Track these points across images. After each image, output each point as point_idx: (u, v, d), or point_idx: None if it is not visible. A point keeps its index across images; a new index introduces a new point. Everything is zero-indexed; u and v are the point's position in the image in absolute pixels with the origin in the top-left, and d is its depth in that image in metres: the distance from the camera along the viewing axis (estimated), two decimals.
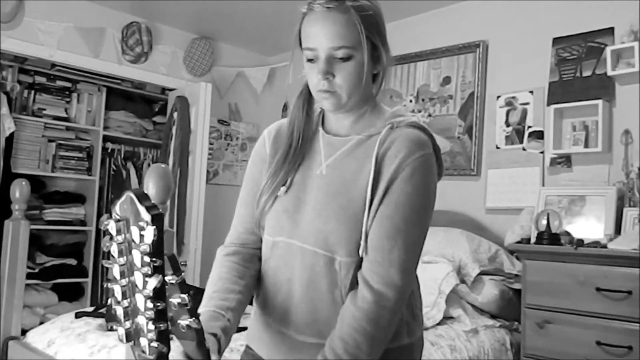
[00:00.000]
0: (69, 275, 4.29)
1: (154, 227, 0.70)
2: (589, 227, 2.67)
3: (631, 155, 2.74)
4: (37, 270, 4.11)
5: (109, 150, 4.70)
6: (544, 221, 2.52)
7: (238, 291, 1.14)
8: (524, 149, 3.19)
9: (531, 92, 3.19)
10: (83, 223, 4.44)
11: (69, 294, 4.32)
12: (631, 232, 2.44)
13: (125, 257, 0.74)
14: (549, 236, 2.49)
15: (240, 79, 4.69)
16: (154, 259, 0.71)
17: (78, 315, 2.44)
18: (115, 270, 0.75)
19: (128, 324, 0.75)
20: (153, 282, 0.71)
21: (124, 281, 0.75)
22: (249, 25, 4.24)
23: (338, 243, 1.10)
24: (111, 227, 0.74)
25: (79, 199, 4.48)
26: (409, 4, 3.61)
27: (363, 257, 1.09)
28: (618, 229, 2.58)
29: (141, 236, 0.71)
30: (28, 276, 3.11)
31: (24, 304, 2.84)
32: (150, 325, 0.72)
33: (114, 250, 0.75)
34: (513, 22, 3.34)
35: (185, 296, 0.76)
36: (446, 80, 3.62)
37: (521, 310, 2.52)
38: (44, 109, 4.28)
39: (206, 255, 4.01)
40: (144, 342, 0.74)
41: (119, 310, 0.75)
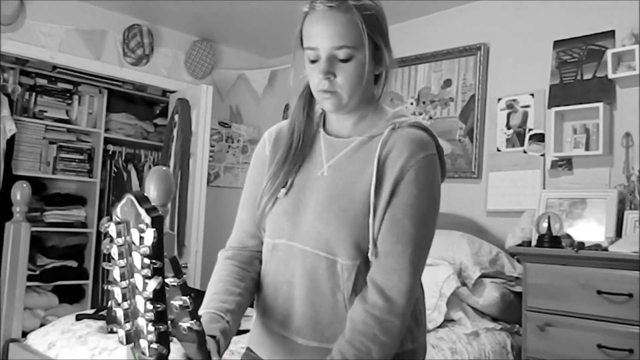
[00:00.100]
0: (70, 277, 4.30)
1: (154, 230, 0.71)
2: (590, 230, 2.67)
3: (632, 158, 2.74)
4: (38, 272, 4.11)
5: (110, 153, 4.71)
6: (545, 224, 2.53)
7: (238, 293, 1.13)
8: (524, 152, 3.19)
9: (532, 95, 3.19)
10: (84, 225, 4.45)
11: (70, 296, 4.32)
12: (632, 235, 2.44)
13: (125, 259, 0.75)
14: (550, 239, 2.49)
15: (241, 81, 4.70)
16: (154, 261, 0.71)
17: (79, 318, 2.43)
18: (116, 273, 0.75)
19: (128, 326, 0.75)
20: (153, 284, 0.72)
21: (124, 283, 0.75)
22: (250, 27, 4.24)
23: (339, 245, 1.08)
24: (112, 230, 0.75)
25: (79, 201, 4.49)
26: (410, 6, 3.61)
27: (372, 261, 1.08)
28: (619, 232, 2.58)
29: (141, 238, 0.71)
30: (29, 278, 3.11)
31: (25, 306, 2.84)
32: (150, 327, 0.73)
33: (115, 252, 0.75)
34: (514, 25, 3.34)
35: (186, 298, 0.76)
36: (447, 82, 3.62)
37: (522, 313, 2.52)
38: (45, 111, 4.29)
39: (207, 258, 4.01)
40: (144, 344, 0.74)
41: (119, 312, 0.76)
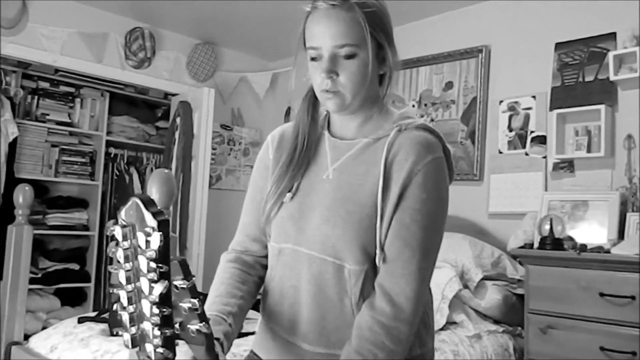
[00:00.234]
0: (72, 280, 4.29)
1: (160, 233, 0.71)
2: (592, 232, 2.66)
3: (634, 160, 2.73)
4: (40, 275, 4.11)
5: (112, 155, 4.71)
6: (547, 226, 2.52)
7: (240, 296, 1.13)
8: (526, 154, 3.19)
9: (534, 97, 3.19)
10: (86, 228, 4.44)
11: (72, 299, 4.32)
12: (634, 237, 2.43)
13: (131, 263, 0.75)
14: (552, 241, 2.49)
15: (243, 84, 4.70)
16: (160, 264, 0.71)
17: (81, 320, 2.43)
18: (121, 276, 0.75)
19: (134, 330, 0.75)
20: (159, 288, 0.72)
21: (129, 287, 0.75)
22: (252, 30, 4.25)
23: (346, 249, 1.07)
24: (117, 233, 0.75)
25: (82, 203, 4.49)
26: (411, 8, 3.61)
27: (380, 267, 1.06)
28: (621, 234, 2.58)
29: (147, 242, 0.72)
30: (31, 281, 3.10)
31: (27, 309, 2.84)
32: (156, 331, 0.73)
33: (120, 255, 0.75)
34: (515, 27, 3.34)
35: (195, 301, 0.76)
36: (448, 85, 3.63)
37: (524, 315, 2.51)
38: (47, 114, 4.29)
39: (209, 260, 4.00)
40: (149, 348, 0.74)
41: (125, 316, 0.76)
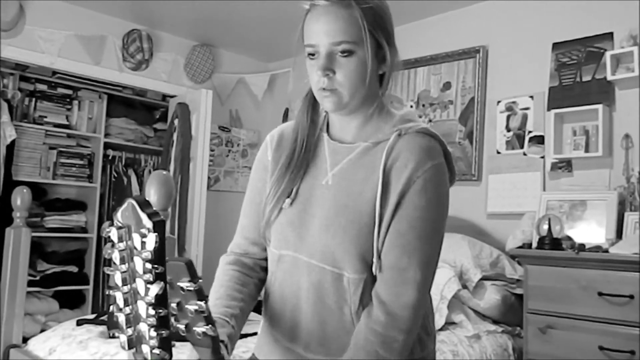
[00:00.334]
0: (70, 282, 4.29)
1: (156, 234, 0.70)
2: (591, 232, 2.66)
3: (632, 159, 2.74)
4: (38, 278, 4.11)
5: (110, 157, 4.71)
6: (546, 226, 2.52)
7: (240, 299, 1.12)
8: (524, 154, 3.19)
9: (531, 97, 3.20)
10: (84, 230, 4.44)
11: (70, 302, 4.32)
12: (632, 237, 2.44)
13: (127, 264, 0.74)
14: (551, 241, 2.49)
15: (241, 85, 4.70)
16: (156, 266, 0.71)
17: (79, 323, 2.43)
18: (117, 278, 0.75)
19: (130, 331, 0.75)
20: (155, 289, 0.71)
21: (125, 288, 0.75)
22: (250, 32, 4.25)
23: (345, 259, 1.06)
24: (113, 235, 0.75)
25: (80, 206, 4.49)
26: (409, 9, 3.62)
27: (377, 275, 1.05)
28: (619, 234, 2.58)
29: (143, 243, 0.71)
30: (29, 284, 3.10)
31: (25, 312, 2.84)
32: (152, 332, 0.72)
33: (116, 257, 0.75)
34: (513, 28, 3.35)
35: (202, 303, 0.76)
36: (446, 85, 3.63)
37: (523, 315, 2.51)
38: (45, 117, 4.29)
39: (207, 262, 4.00)
40: (146, 349, 0.74)
41: (121, 318, 0.75)
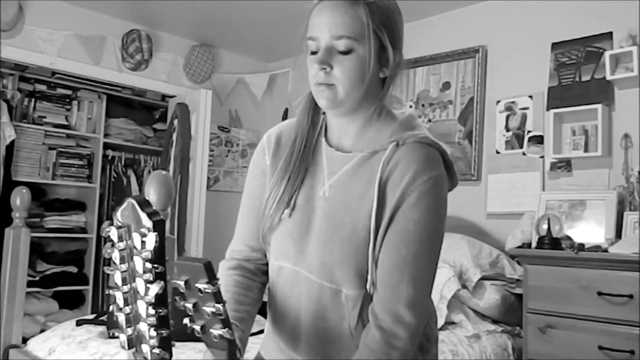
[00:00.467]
0: (70, 282, 4.29)
1: (156, 234, 0.71)
2: (590, 232, 2.66)
3: (631, 159, 2.74)
4: (38, 278, 4.11)
5: (110, 158, 4.71)
6: (545, 226, 2.52)
7: (247, 303, 1.12)
8: (524, 154, 3.19)
9: (530, 97, 3.20)
10: (84, 230, 4.44)
11: (70, 302, 4.32)
12: (632, 236, 2.44)
13: (127, 264, 0.75)
14: (550, 241, 2.49)
15: (241, 85, 4.70)
16: (156, 265, 0.71)
17: (79, 323, 2.43)
18: (117, 277, 0.75)
19: (130, 331, 0.75)
20: (155, 289, 0.72)
21: (125, 288, 0.75)
22: (249, 32, 4.25)
23: (343, 275, 1.05)
24: (113, 234, 0.75)
25: (79, 206, 4.48)
26: (408, 10, 3.60)
27: (372, 292, 1.03)
28: (619, 233, 2.58)
29: (143, 243, 0.71)
30: (29, 284, 3.10)
31: (25, 312, 2.83)
32: (152, 332, 0.72)
33: (116, 257, 0.75)
34: (512, 28, 3.35)
35: (220, 306, 0.75)
36: (446, 85, 3.63)
37: (523, 315, 2.51)
38: (45, 117, 4.29)
39: None
40: (145, 349, 0.74)
41: (121, 317, 0.75)
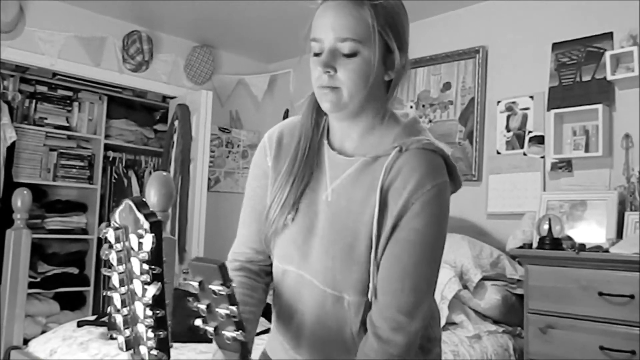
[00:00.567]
0: (71, 284, 4.29)
1: (153, 235, 0.71)
2: (591, 232, 2.66)
3: (632, 159, 2.73)
4: (39, 279, 4.11)
5: (111, 159, 4.71)
6: (546, 226, 2.52)
7: (252, 304, 1.12)
8: (524, 154, 3.19)
9: (531, 97, 3.19)
10: (85, 232, 4.44)
11: (71, 303, 4.32)
12: (633, 236, 2.43)
13: (124, 265, 0.75)
14: (551, 241, 2.49)
15: (241, 86, 4.70)
16: (153, 266, 0.71)
17: (80, 324, 2.43)
18: (115, 278, 0.75)
19: (128, 332, 0.75)
20: (152, 290, 0.72)
21: (123, 289, 0.75)
22: (250, 33, 4.25)
23: (345, 282, 1.04)
24: (110, 235, 0.75)
25: (80, 207, 4.48)
26: (409, 10, 3.60)
27: (372, 300, 1.03)
28: (620, 233, 2.58)
29: (140, 244, 0.71)
30: (30, 285, 3.11)
31: (26, 313, 2.84)
32: (150, 333, 0.72)
33: (113, 258, 0.75)
34: (512, 28, 3.34)
35: (234, 308, 0.75)
36: (446, 86, 3.63)
37: (524, 315, 2.51)
38: (45, 118, 4.29)
39: None
40: (143, 350, 0.74)
41: (119, 319, 0.75)
